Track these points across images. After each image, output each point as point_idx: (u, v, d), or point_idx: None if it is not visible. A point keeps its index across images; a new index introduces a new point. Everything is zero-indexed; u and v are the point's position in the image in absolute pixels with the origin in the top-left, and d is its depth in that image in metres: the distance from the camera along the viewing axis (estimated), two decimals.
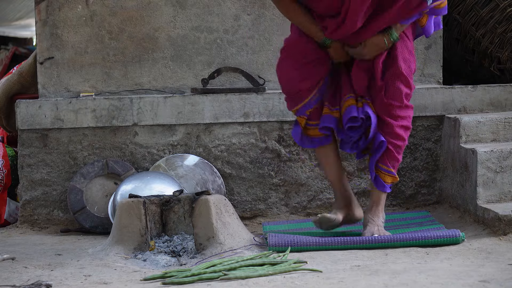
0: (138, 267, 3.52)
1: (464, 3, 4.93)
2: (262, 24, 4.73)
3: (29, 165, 4.60)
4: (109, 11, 4.70)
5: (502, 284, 2.96)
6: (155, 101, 4.60)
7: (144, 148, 4.62)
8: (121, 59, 4.71)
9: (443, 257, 3.49)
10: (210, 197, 3.76)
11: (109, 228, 4.20)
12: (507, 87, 4.70)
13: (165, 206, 3.85)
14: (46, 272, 3.43)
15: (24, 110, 4.58)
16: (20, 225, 4.61)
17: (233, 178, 4.63)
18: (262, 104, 4.60)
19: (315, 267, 3.31)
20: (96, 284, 3.22)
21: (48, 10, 4.68)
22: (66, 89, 4.71)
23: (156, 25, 4.72)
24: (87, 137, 4.61)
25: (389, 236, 3.70)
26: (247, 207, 4.64)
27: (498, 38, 4.89)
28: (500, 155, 4.07)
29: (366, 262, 3.42)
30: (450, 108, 4.64)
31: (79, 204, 4.50)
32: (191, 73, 4.73)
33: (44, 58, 4.70)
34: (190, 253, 3.69)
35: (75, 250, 3.95)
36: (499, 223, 3.80)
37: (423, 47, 4.76)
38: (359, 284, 3.02)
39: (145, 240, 3.72)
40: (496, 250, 3.57)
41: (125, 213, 3.76)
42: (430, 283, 3.00)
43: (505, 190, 4.06)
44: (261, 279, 3.16)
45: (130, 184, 4.31)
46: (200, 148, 4.62)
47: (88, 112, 4.60)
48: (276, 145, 4.62)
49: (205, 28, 4.73)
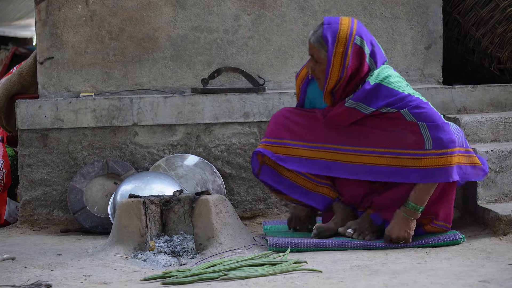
0: (138, 267, 3.52)
1: (464, 3, 4.93)
2: (262, 24, 4.73)
3: (29, 165, 4.60)
4: (109, 11, 4.70)
5: (502, 284, 2.96)
6: (155, 101, 4.60)
7: (144, 148, 4.62)
8: (121, 59, 4.71)
9: (443, 257, 3.49)
10: (210, 197, 3.76)
11: (109, 228, 4.19)
12: (507, 87, 4.70)
13: (165, 206, 3.85)
14: (46, 272, 3.43)
15: (24, 110, 4.58)
16: (20, 225, 4.61)
17: (233, 178, 4.63)
18: (262, 104, 4.60)
19: (315, 267, 3.31)
20: (96, 284, 3.21)
21: (48, 10, 4.68)
22: (66, 89, 4.71)
23: (156, 25, 4.71)
24: (87, 137, 4.61)
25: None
26: (247, 207, 4.64)
27: (498, 38, 4.89)
28: (500, 155, 4.07)
29: (366, 262, 3.42)
30: (450, 108, 4.64)
31: (79, 204, 4.50)
32: (191, 73, 4.73)
33: (44, 58, 4.70)
34: (190, 253, 3.68)
35: (75, 250, 3.95)
36: (499, 223, 3.80)
37: (423, 47, 4.76)
38: (359, 284, 3.02)
39: (145, 240, 3.72)
40: (496, 250, 3.57)
41: (125, 213, 3.76)
42: (430, 283, 3.00)
43: (505, 190, 4.06)
44: (261, 279, 3.16)
45: (130, 184, 4.31)
46: (200, 148, 4.62)
47: (88, 112, 4.59)
48: None
49: (205, 28, 4.73)
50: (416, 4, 4.75)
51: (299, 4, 4.73)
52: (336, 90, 3.76)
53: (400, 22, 4.76)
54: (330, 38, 3.70)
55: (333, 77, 3.70)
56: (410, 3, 4.74)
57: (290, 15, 4.73)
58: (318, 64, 3.76)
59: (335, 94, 3.78)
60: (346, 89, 3.75)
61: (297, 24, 4.74)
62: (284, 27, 4.73)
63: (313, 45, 3.75)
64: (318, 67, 3.76)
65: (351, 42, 3.69)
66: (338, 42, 3.69)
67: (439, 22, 4.77)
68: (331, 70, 3.70)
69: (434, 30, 4.76)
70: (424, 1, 4.74)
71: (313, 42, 3.75)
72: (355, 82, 3.74)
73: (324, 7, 4.73)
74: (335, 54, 3.69)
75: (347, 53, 3.69)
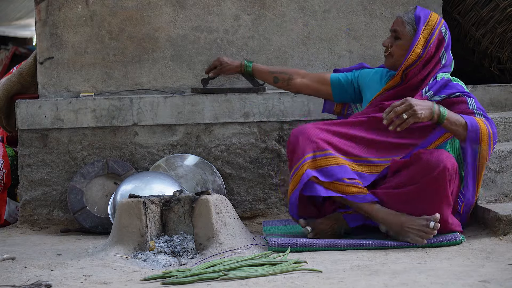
0: (138, 267, 3.52)
1: (464, 3, 4.94)
2: (262, 24, 4.73)
3: (29, 165, 4.60)
4: (109, 11, 4.70)
5: (502, 284, 2.96)
6: (155, 101, 4.60)
7: (144, 148, 4.62)
8: (121, 59, 4.71)
9: (443, 257, 3.49)
10: (210, 197, 3.76)
11: (109, 228, 4.19)
12: (507, 87, 4.70)
13: (165, 206, 3.85)
14: (46, 272, 3.43)
15: (24, 110, 4.58)
16: (20, 225, 4.61)
17: (233, 178, 4.63)
18: (262, 104, 4.60)
19: (315, 267, 3.31)
20: (96, 284, 3.21)
21: (48, 10, 4.68)
22: (66, 89, 4.71)
23: (156, 25, 4.72)
24: (87, 137, 4.61)
25: (389, 242, 3.70)
26: (247, 207, 4.64)
27: (498, 38, 4.90)
28: (500, 155, 4.07)
29: (366, 262, 3.42)
30: None
31: (79, 204, 4.50)
32: (191, 73, 4.73)
33: (44, 58, 4.70)
34: (190, 253, 3.68)
35: (75, 250, 3.95)
36: (499, 223, 3.80)
37: None
38: (359, 284, 3.02)
39: (145, 240, 3.72)
40: (496, 250, 3.57)
41: (125, 213, 3.75)
42: (430, 283, 3.00)
43: (505, 190, 4.06)
44: (261, 279, 3.16)
45: (130, 184, 4.31)
46: (200, 148, 4.62)
47: (88, 112, 4.60)
48: (276, 145, 4.62)
49: (205, 28, 4.73)
50: (416, 4, 4.74)
51: (299, 4, 4.73)
52: (410, 70, 3.88)
53: None
54: (422, 17, 3.91)
55: (414, 53, 3.85)
56: (410, 3, 4.74)
57: (290, 15, 4.73)
58: (399, 40, 3.92)
59: (407, 74, 3.89)
60: (420, 72, 3.89)
61: (297, 24, 4.74)
62: (284, 27, 4.73)
63: (401, 20, 3.93)
64: (398, 43, 3.92)
65: (439, 28, 3.91)
66: (428, 23, 3.89)
67: None
68: (416, 46, 3.86)
69: None
70: (424, 1, 4.74)
71: (403, 17, 3.94)
72: (428, 69, 3.89)
73: (324, 7, 4.73)
74: (423, 32, 3.87)
75: (433, 35, 3.88)
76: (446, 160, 3.65)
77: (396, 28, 3.94)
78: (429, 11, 3.96)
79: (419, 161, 3.69)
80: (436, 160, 3.65)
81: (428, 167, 3.65)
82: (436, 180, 3.64)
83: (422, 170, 3.66)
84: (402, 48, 3.91)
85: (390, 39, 3.96)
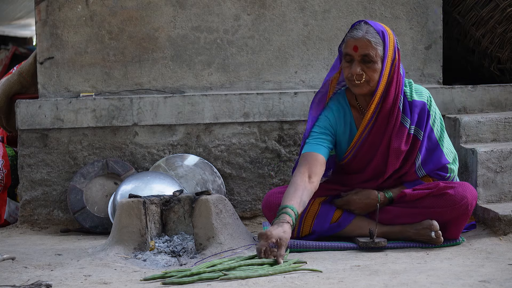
0: (138, 267, 3.52)
1: (464, 3, 4.94)
2: (262, 24, 4.73)
3: (29, 165, 4.60)
4: (109, 11, 4.70)
5: (502, 284, 2.96)
6: (155, 101, 4.60)
7: (144, 148, 4.62)
8: (121, 59, 4.71)
9: (443, 257, 3.49)
10: (210, 197, 3.76)
11: (109, 228, 4.19)
12: (507, 87, 4.70)
13: (165, 206, 3.85)
14: (46, 272, 3.43)
15: (24, 110, 4.59)
16: (20, 225, 4.61)
17: (233, 178, 4.63)
18: (262, 104, 4.60)
19: (315, 267, 3.31)
20: (96, 284, 3.21)
21: (48, 10, 4.68)
22: (66, 89, 4.71)
23: (156, 25, 4.72)
24: (87, 137, 4.61)
25: (389, 244, 3.71)
26: (247, 207, 4.64)
27: (498, 38, 4.89)
28: (500, 155, 4.07)
29: (366, 262, 3.42)
30: (450, 108, 4.64)
31: (79, 204, 4.50)
32: (191, 73, 4.73)
33: (44, 58, 4.70)
34: (190, 253, 3.68)
35: (75, 250, 3.95)
36: (499, 223, 3.80)
37: (423, 47, 4.76)
38: (359, 284, 3.02)
39: (145, 240, 3.72)
40: (496, 250, 3.57)
41: (125, 213, 3.76)
42: (430, 283, 3.00)
43: (505, 190, 4.06)
44: (261, 279, 3.16)
45: (130, 184, 4.31)
46: (200, 148, 4.63)
47: (88, 112, 4.60)
48: (276, 145, 4.62)
49: (205, 28, 4.73)
50: (416, 4, 4.75)
51: (299, 4, 4.73)
52: (389, 90, 3.61)
53: (400, 22, 4.76)
54: (384, 32, 3.59)
55: (384, 75, 3.58)
56: (410, 3, 4.74)
57: (290, 15, 4.73)
58: (373, 63, 3.58)
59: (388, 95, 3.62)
60: (388, 93, 3.62)
61: (297, 24, 4.74)
62: (284, 27, 4.73)
63: (368, 42, 3.55)
64: (373, 67, 3.58)
65: (394, 38, 3.64)
66: (390, 37, 3.61)
67: (439, 22, 4.77)
68: (386, 63, 3.57)
69: (434, 30, 4.76)
70: (424, 1, 4.74)
71: (370, 38, 3.55)
72: (399, 85, 3.63)
73: (324, 7, 4.73)
74: (390, 47, 3.58)
75: (396, 48, 3.63)
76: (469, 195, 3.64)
77: (368, 53, 3.55)
78: (377, 22, 3.70)
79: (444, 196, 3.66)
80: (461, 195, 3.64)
81: (453, 203, 3.65)
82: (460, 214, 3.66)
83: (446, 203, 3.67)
84: (377, 72, 3.58)
85: (359, 65, 3.57)
